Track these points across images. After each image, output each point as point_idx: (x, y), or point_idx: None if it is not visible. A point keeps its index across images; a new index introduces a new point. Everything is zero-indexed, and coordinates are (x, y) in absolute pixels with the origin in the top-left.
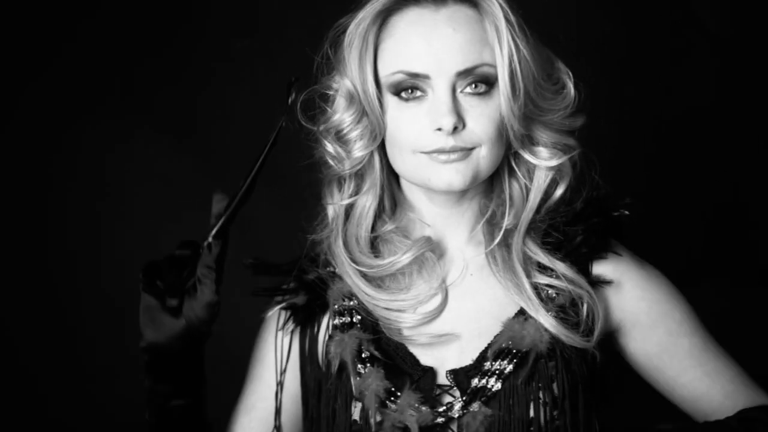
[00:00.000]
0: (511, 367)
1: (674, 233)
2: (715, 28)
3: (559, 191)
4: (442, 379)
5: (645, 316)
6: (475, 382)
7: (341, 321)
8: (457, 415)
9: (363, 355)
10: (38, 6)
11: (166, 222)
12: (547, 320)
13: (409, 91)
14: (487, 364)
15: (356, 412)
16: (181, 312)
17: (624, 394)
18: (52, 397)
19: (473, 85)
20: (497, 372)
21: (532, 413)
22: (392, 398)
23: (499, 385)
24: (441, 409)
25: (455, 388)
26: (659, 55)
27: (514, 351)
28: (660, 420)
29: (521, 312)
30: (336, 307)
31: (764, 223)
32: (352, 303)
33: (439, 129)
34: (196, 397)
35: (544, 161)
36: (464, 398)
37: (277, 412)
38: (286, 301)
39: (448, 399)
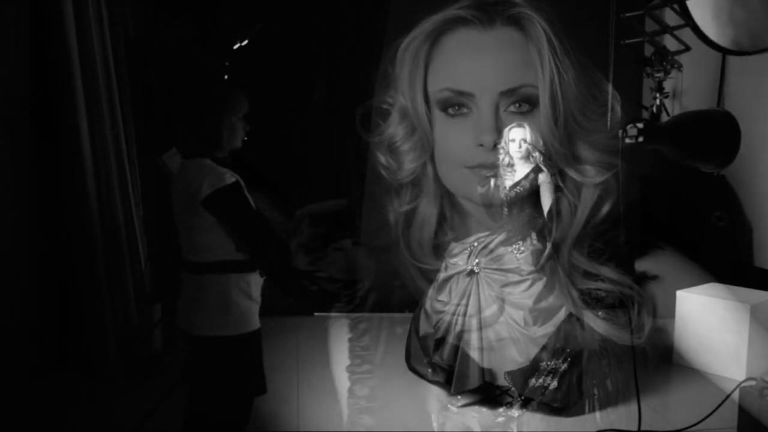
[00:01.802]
0: (565, 366)
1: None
2: None
3: (605, 208)
4: (501, 381)
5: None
6: (532, 381)
7: (403, 329)
8: (516, 415)
9: (425, 361)
10: None
11: None
12: (594, 322)
13: (456, 107)
14: (543, 364)
15: None
16: None
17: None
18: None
19: (516, 104)
20: (552, 371)
21: (587, 409)
22: (454, 402)
23: (555, 383)
24: (501, 410)
25: (513, 388)
26: None
27: (568, 350)
28: None
29: (572, 314)
30: (397, 316)
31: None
32: (414, 312)
33: (481, 145)
34: None
35: (589, 178)
36: (522, 398)
37: None
38: (346, 310)
39: (507, 400)
